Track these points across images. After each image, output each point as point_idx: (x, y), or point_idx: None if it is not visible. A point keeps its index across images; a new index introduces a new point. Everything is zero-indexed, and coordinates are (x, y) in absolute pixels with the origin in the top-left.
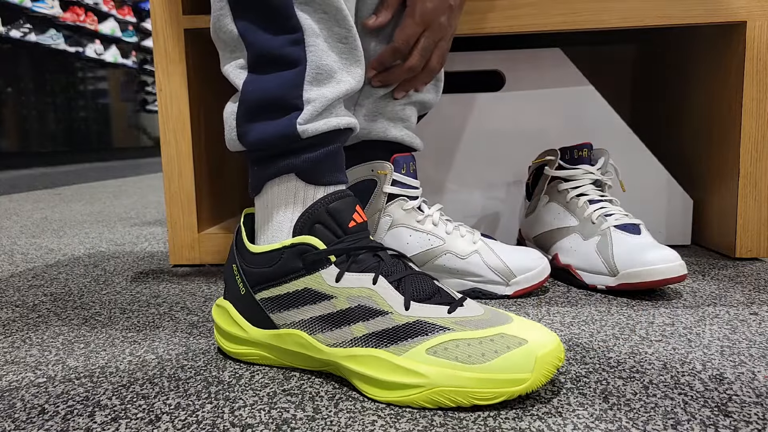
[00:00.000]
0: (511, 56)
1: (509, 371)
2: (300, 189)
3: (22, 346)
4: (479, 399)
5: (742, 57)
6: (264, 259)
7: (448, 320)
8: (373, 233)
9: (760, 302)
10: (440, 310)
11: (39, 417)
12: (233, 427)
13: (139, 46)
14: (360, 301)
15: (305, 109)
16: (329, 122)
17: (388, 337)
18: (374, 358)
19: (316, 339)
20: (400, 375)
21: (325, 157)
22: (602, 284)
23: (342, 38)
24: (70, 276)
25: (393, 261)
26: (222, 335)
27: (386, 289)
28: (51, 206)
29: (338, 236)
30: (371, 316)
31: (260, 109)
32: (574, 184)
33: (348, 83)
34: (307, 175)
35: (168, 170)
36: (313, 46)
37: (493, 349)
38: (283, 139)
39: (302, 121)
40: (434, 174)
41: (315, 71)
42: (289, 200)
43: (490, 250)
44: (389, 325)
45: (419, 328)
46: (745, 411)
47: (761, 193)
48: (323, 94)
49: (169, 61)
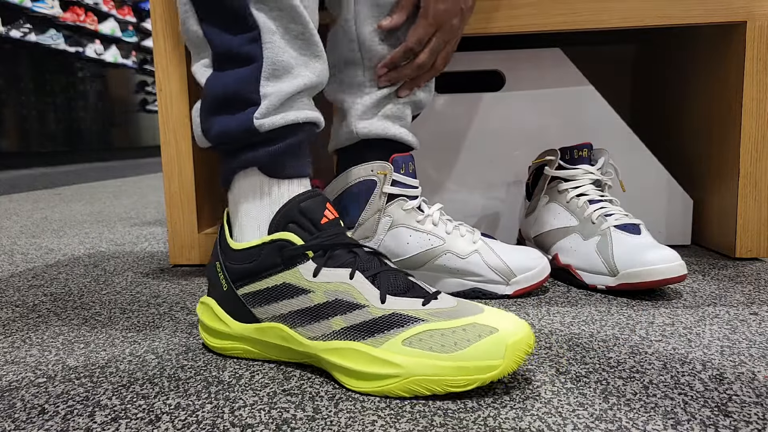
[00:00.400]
0: (511, 56)
1: (481, 359)
2: (264, 183)
3: (22, 346)
4: (453, 386)
5: (742, 57)
6: (245, 255)
7: (422, 312)
8: (373, 233)
9: (760, 302)
10: (415, 303)
11: (39, 417)
12: (233, 427)
13: (139, 46)
14: (337, 296)
15: (262, 104)
16: (287, 116)
17: (365, 329)
18: (353, 350)
19: (296, 332)
20: (377, 366)
21: (285, 151)
22: (602, 284)
23: (299, 34)
24: (70, 276)
25: (368, 257)
26: (206, 331)
27: (362, 284)
28: (51, 206)
29: (312, 233)
30: (349, 310)
31: (220, 103)
32: (574, 184)
33: (306, 77)
34: (268, 168)
35: (168, 170)
36: (269, 43)
37: (465, 338)
38: (242, 133)
39: (259, 116)
40: (434, 174)
41: (271, 67)
42: (255, 195)
43: (490, 250)
44: (366, 318)
45: (395, 320)
46: (745, 411)
47: (761, 193)
48: (280, 89)
49: (169, 61)
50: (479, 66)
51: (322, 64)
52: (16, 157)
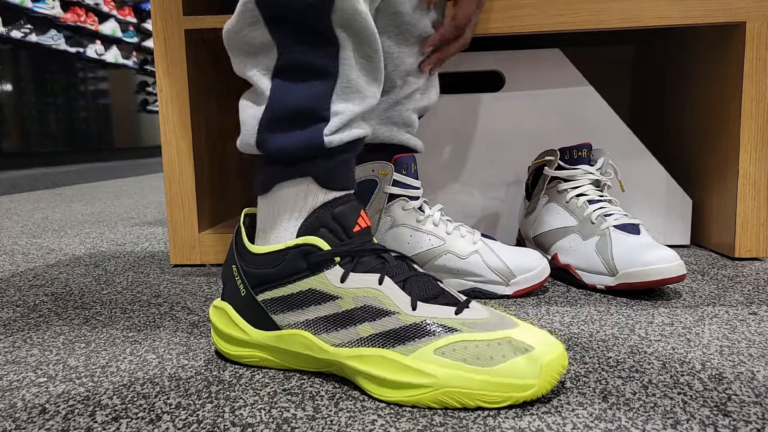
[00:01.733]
0: (511, 56)
1: (516, 376)
2: (311, 192)
3: (22, 345)
4: (485, 402)
5: (742, 57)
6: (267, 259)
7: (455, 321)
8: (374, 233)
9: (759, 302)
10: (447, 311)
11: (40, 416)
12: (234, 426)
13: (140, 46)
14: (366, 302)
15: (332, 121)
16: (352, 133)
17: (395, 337)
18: (381, 357)
19: (320, 339)
20: (408, 375)
21: (341, 165)
22: (601, 284)
23: (370, 57)
24: (70, 276)
25: (397, 262)
26: (221, 337)
27: (392, 289)
28: (52, 206)
29: (342, 240)
30: (378, 317)
31: (288, 117)
32: (574, 184)
33: (371, 100)
34: (322, 180)
35: (168, 170)
36: (346, 60)
37: (501, 353)
38: (308, 149)
39: (328, 132)
40: (434, 174)
41: (344, 84)
42: (298, 202)
43: (490, 250)
44: (396, 325)
45: (427, 328)
46: (745, 410)
47: (760, 193)
48: (350, 108)
49: (170, 62)
50: (479, 66)
51: (379, 88)
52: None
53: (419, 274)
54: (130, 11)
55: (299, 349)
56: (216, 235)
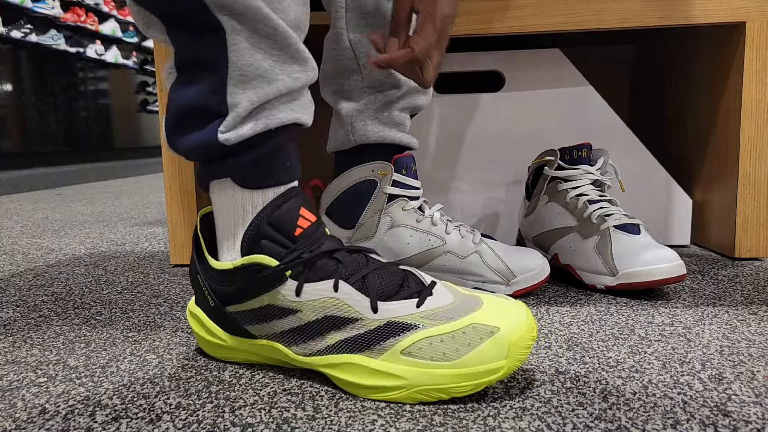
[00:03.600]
0: (511, 56)
1: (484, 363)
2: (237, 195)
3: (23, 345)
4: (458, 393)
5: (742, 57)
6: (223, 277)
7: (417, 316)
8: (374, 233)
9: (759, 302)
10: (409, 306)
11: (40, 416)
12: (234, 426)
13: (140, 46)
14: (326, 311)
15: (228, 115)
16: (257, 126)
17: (361, 342)
18: (351, 364)
19: (291, 350)
20: (378, 378)
21: (257, 160)
22: (602, 284)
23: (268, 36)
24: (70, 276)
25: (352, 258)
26: (200, 341)
27: (349, 294)
28: (52, 206)
29: (287, 247)
30: (342, 325)
31: (183, 117)
32: (574, 184)
33: (281, 82)
34: (242, 179)
35: (168, 170)
36: (235, 45)
37: (466, 343)
38: (207, 149)
39: (224, 129)
40: (434, 174)
41: (238, 72)
42: (230, 207)
43: (490, 250)
44: (361, 330)
45: (391, 329)
46: (744, 410)
47: (760, 193)
48: (248, 97)
49: None
50: (479, 66)
51: (301, 67)
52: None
53: (377, 267)
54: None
55: (276, 356)
56: None
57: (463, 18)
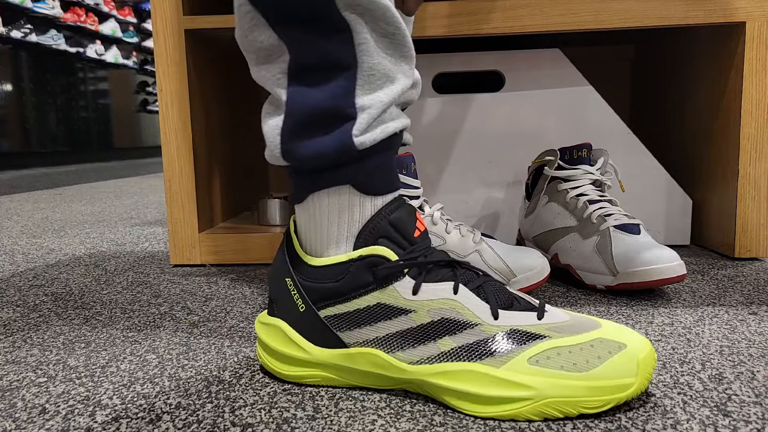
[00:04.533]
0: (510, 56)
1: (615, 377)
2: (355, 200)
3: (23, 345)
4: (588, 408)
5: (742, 57)
6: (329, 273)
7: (542, 327)
8: None
9: (759, 302)
10: (530, 317)
11: (40, 416)
12: (234, 426)
13: (140, 46)
14: (443, 314)
15: (359, 118)
16: (386, 128)
17: (481, 349)
18: (470, 372)
19: (395, 357)
20: (503, 388)
21: (381, 165)
22: (602, 284)
23: (389, 34)
24: (70, 276)
25: (464, 269)
26: (273, 356)
27: (470, 299)
28: (52, 206)
29: (404, 248)
30: (458, 329)
31: (310, 122)
32: (574, 184)
33: (403, 81)
34: (363, 186)
35: (168, 170)
36: (363, 44)
37: (596, 355)
38: (338, 154)
39: (357, 132)
40: (434, 174)
41: (367, 73)
42: (343, 212)
43: (490, 250)
44: (481, 337)
45: (515, 337)
46: (745, 411)
47: (760, 193)
48: (379, 99)
49: (170, 62)
50: (479, 66)
51: (409, 65)
52: (16, 157)
53: (490, 280)
54: (130, 11)
55: (370, 368)
56: (216, 235)
57: (463, 18)
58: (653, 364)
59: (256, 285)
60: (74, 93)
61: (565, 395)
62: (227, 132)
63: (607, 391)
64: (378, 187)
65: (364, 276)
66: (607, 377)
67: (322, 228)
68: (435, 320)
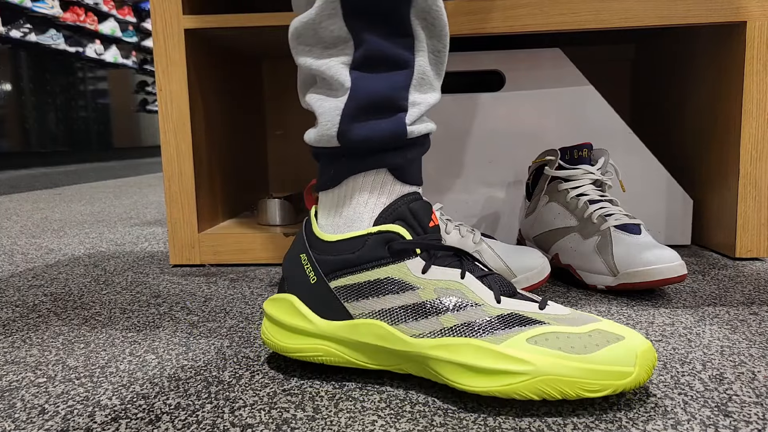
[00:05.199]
0: (511, 56)
1: (615, 363)
2: (388, 183)
3: (22, 346)
4: (586, 390)
5: (742, 57)
6: (345, 245)
7: (542, 315)
8: None
9: (760, 302)
10: (531, 306)
11: (39, 417)
12: (233, 427)
13: (140, 46)
14: (449, 293)
15: (410, 111)
16: (428, 126)
17: (482, 327)
18: (471, 346)
19: (398, 329)
20: (503, 362)
21: (416, 158)
22: (602, 284)
23: (438, 51)
24: (70, 276)
25: (472, 262)
26: (279, 327)
27: (474, 283)
28: (51, 206)
29: (418, 234)
30: (461, 308)
31: (371, 107)
32: (574, 184)
33: (437, 95)
34: (399, 172)
35: (168, 170)
36: (422, 52)
37: (594, 342)
38: (391, 138)
39: (409, 122)
40: (434, 174)
41: (420, 76)
42: (374, 192)
43: (490, 250)
44: (482, 317)
45: (515, 319)
46: (745, 411)
47: (761, 193)
48: (425, 100)
49: (169, 62)
50: (479, 66)
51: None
52: (16, 157)
53: (496, 274)
54: (129, 11)
55: (373, 340)
56: (216, 235)
57: (463, 18)
58: (653, 361)
59: (256, 285)
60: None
61: (563, 374)
62: (227, 132)
63: (605, 375)
64: (409, 177)
65: (379, 250)
66: (606, 362)
67: (350, 206)
68: (440, 297)
